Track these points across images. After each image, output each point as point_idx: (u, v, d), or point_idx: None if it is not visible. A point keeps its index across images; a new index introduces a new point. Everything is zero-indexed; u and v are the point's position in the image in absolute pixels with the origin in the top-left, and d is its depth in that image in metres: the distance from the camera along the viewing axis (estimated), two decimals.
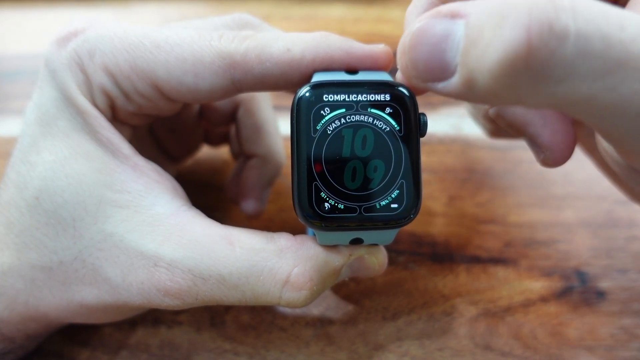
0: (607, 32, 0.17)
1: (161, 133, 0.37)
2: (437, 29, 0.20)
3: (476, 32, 0.18)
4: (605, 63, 0.17)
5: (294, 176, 0.25)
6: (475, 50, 0.18)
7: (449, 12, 0.20)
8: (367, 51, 0.27)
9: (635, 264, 0.36)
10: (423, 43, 0.20)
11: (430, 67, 0.20)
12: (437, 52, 0.20)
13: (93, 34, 0.28)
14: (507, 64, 0.17)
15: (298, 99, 0.25)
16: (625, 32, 0.17)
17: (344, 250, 0.27)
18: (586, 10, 0.17)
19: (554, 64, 0.17)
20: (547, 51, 0.17)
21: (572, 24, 0.17)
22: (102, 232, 0.26)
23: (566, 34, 0.17)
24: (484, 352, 0.33)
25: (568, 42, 0.17)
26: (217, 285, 0.26)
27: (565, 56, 0.17)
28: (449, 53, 0.19)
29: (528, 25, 0.17)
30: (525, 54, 0.17)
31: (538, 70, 0.17)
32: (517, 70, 0.17)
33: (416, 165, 0.25)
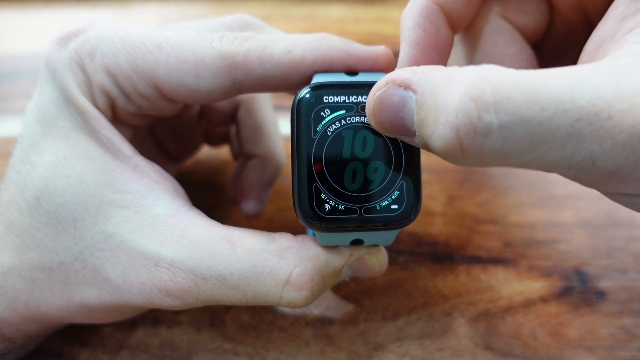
0: (527, 116, 0.19)
1: (161, 133, 0.37)
2: (394, 98, 0.22)
3: (423, 113, 0.21)
4: (529, 142, 0.19)
5: (294, 177, 0.25)
6: (424, 130, 0.21)
7: (402, 83, 0.22)
8: (368, 52, 0.27)
9: (635, 264, 0.36)
10: (384, 110, 0.23)
11: (395, 128, 0.23)
12: (398, 118, 0.22)
13: (94, 34, 0.28)
14: (448, 152, 0.20)
15: (298, 100, 0.25)
16: (545, 111, 0.19)
17: (345, 250, 0.27)
18: (508, 101, 0.19)
19: (485, 152, 0.20)
20: (476, 145, 0.19)
21: (494, 119, 0.19)
22: (103, 233, 0.26)
23: (489, 130, 0.19)
24: (484, 352, 0.33)
25: (492, 136, 0.19)
26: (218, 286, 0.26)
27: (493, 145, 0.19)
28: (407, 120, 0.22)
29: (456, 126, 0.19)
30: (458, 148, 0.20)
31: (472, 156, 0.20)
32: (457, 155, 0.20)
33: (416, 166, 0.25)
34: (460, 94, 0.19)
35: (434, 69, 0.22)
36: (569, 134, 0.19)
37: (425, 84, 0.21)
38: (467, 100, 0.19)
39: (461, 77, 0.20)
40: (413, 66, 0.26)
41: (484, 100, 0.19)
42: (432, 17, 0.26)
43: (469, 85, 0.19)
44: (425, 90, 0.21)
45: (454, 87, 0.20)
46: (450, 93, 0.20)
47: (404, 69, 0.23)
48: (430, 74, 0.21)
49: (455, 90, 0.20)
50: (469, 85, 0.19)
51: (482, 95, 0.19)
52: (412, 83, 0.22)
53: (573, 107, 0.19)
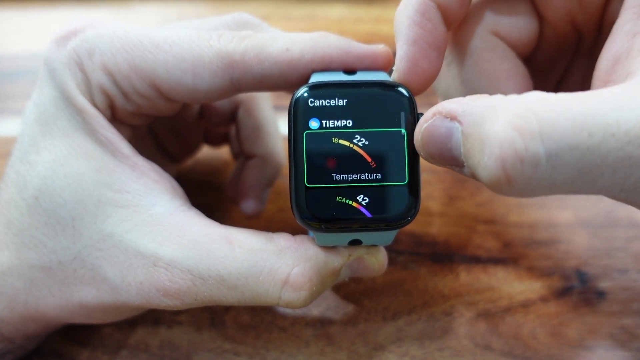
0: (575, 144, 0.19)
1: (161, 133, 0.37)
2: (441, 130, 0.22)
3: (469, 145, 0.21)
4: (580, 169, 0.19)
5: (292, 178, 0.25)
6: (471, 161, 0.21)
7: (448, 114, 0.22)
8: (366, 51, 0.27)
9: (635, 264, 0.36)
10: (432, 142, 0.23)
11: (444, 159, 0.23)
12: (446, 149, 0.22)
13: (92, 33, 0.28)
14: (494, 184, 0.20)
15: (296, 99, 0.25)
16: (593, 137, 0.19)
17: (344, 250, 0.27)
18: (554, 129, 0.19)
19: (534, 182, 0.19)
20: (524, 176, 0.19)
21: (541, 149, 0.19)
22: (102, 232, 0.26)
23: (538, 159, 0.19)
24: (484, 352, 0.33)
25: (541, 165, 0.19)
26: (216, 286, 0.26)
27: (542, 175, 0.19)
28: (455, 151, 0.22)
29: (501, 157, 0.19)
30: (505, 180, 0.19)
31: (521, 187, 0.20)
32: (504, 187, 0.20)
33: (415, 166, 0.25)
34: (504, 124, 0.19)
35: (477, 99, 0.22)
36: (620, 158, 0.19)
37: (469, 115, 0.21)
38: (511, 130, 0.19)
39: (504, 106, 0.20)
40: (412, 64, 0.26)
41: (529, 130, 0.19)
42: (429, 14, 0.26)
43: (513, 114, 0.19)
44: (469, 121, 0.21)
45: (497, 117, 0.20)
46: (494, 124, 0.20)
47: (450, 100, 0.23)
48: (473, 103, 0.21)
49: (499, 121, 0.19)
50: (512, 115, 0.19)
51: (526, 124, 0.19)
52: (457, 114, 0.22)
53: (620, 131, 0.19)
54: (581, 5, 0.28)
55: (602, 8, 0.28)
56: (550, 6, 0.28)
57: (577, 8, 0.28)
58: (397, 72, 0.26)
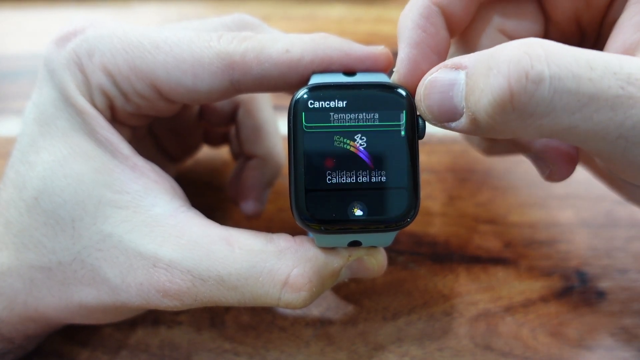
0: (577, 72, 0.20)
1: (161, 133, 0.37)
2: (445, 79, 0.23)
3: (473, 81, 0.22)
4: (579, 98, 0.20)
5: (292, 179, 0.25)
6: (473, 96, 0.22)
7: (453, 65, 0.23)
8: (366, 52, 0.27)
9: (635, 264, 0.36)
10: (435, 92, 0.23)
11: (443, 111, 0.23)
12: (447, 98, 0.23)
13: (92, 33, 0.28)
14: (497, 106, 0.21)
15: (295, 101, 0.25)
16: (594, 70, 0.20)
17: (343, 251, 0.27)
18: (558, 56, 0.20)
19: (535, 102, 0.20)
20: (527, 94, 0.20)
21: (546, 70, 0.20)
22: (101, 233, 0.26)
23: (541, 78, 0.20)
24: (484, 352, 0.33)
25: (544, 85, 0.20)
26: (216, 286, 0.26)
27: (544, 96, 0.20)
28: (455, 99, 0.23)
29: (507, 74, 0.20)
30: (509, 97, 0.20)
31: (522, 109, 0.20)
32: (506, 110, 0.20)
33: (414, 167, 0.25)
34: (513, 48, 0.20)
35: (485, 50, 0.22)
36: (619, 95, 0.20)
37: (475, 58, 0.22)
38: (519, 52, 0.20)
39: (511, 43, 0.21)
40: (413, 67, 0.26)
41: (536, 53, 0.20)
42: (432, 19, 0.26)
43: (521, 43, 0.20)
44: (476, 60, 0.22)
45: (506, 48, 0.21)
46: (502, 53, 0.20)
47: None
48: (480, 52, 0.22)
49: (507, 49, 0.21)
50: (519, 43, 0.20)
51: (533, 50, 0.20)
52: (462, 61, 0.23)
53: (622, 72, 0.20)
54: (587, 5, 0.28)
55: (606, 8, 0.28)
56: (558, 6, 0.29)
57: (584, 8, 0.28)
58: (397, 74, 0.26)
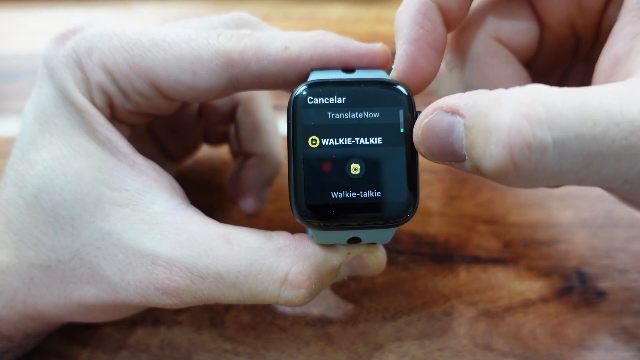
0: (581, 132, 0.19)
1: (160, 132, 0.37)
2: (442, 123, 0.22)
3: (472, 136, 0.21)
4: (585, 158, 0.19)
5: (291, 176, 0.25)
6: (475, 152, 0.21)
7: (449, 109, 0.22)
8: (365, 49, 0.27)
9: (635, 264, 0.36)
10: (433, 136, 0.23)
11: (444, 154, 0.23)
12: (446, 144, 0.22)
13: (91, 32, 0.28)
14: (500, 172, 0.20)
15: (294, 98, 0.25)
16: (598, 126, 0.19)
17: (342, 248, 0.27)
18: (561, 117, 0.19)
19: (540, 170, 0.20)
20: (531, 164, 0.19)
21: (548, 136, 0.19)
22: (100, 231, 0.26)
23: (545, 146, 0.19)
24: (484, 352, 0.33)
25: (548, 152, 0.19)
26: (215, 284, 0.26)
27: (548, 163, 0.19)
28: (456, 145, 0.22)
29: (509, 144, 0.19)
30: (512, 167, 0.20)
31: (527, 175, 0.20)
32: (510, 176, 0.20)
33: (414, 164, 0.25)
34: (512, 112, 0.20)
35: (479, 93, 0.22)
36: (624, 147, 0.19)
37: (472, 107, 0.21)
38: (518, 118, 0.19)
39: (509, 97, 0.20)
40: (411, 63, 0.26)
41: (536, 118, 0.19)
42: (430, 15, 0.26)
43: (519, 104, 0.20)
44: (473, 113, 0.21)
45: (503, 107, 0.20)
46: (500, 113, 0.20)
47: (451, 95, 0.23)
48: (476, 97, 0.21)
49: (505, 110, 0.20)
50: (518, 104, 0.20)
51: (533, 112, 0.19)
52: (459, 108, 0.22)
53: (624, 120, 0.19)
54: (581, 10, 0.28)
55: (601, 13, 0.28)
56: (551, 11, 0.29)
57: (577, 13, 0.28)
58: (396, 71, 0.26)
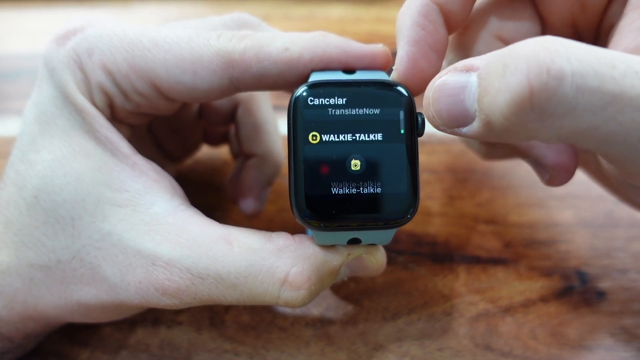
0: (600, 70, 0.19)
1: (160, 133, 0.37)
2: (455, 81, 0.22)
3: (487, 82, 0.21)
4: (603, 97, 0.19)
5: (291, 176, 0.25)
6: (488, 97, 0.21)
7: (464, 67, 0.22)
8: (365, 50, 0.27)
9: (635, 264, 0.36)
10: (444, 95, 0.22)
11: (454, 116, 0.22)
12: (458, 102, 0.22)
13: (92, 32, 0.28)
14: (515, 106, 0.19)
15: (295, 99, 0.25)
16: (616, 69, 0.19)
17: (342, 249, 0.27)
18: (579, 52, 0.19)
19: (556, 101, 0.19)
20: (548, 91, 0.19)
21: (567, 66, 0.19)
22: (101, 231, 0.26)
23: (563, 74, 0.18)
24: (484, 352, 0.33)
25: (566, 81, 0.18)
26: (215, 285, 0.26)
27: (566, 93, 0.19)
28: (467, 102, 0.22)
29: (527, 71, 0.19)
30: (528, 95, 0.19)
31: (543, 108, 0.19)
32: (525, 110, 0.19)
33: (414, 165, 0.25)
34: (531, 44, 0.19)
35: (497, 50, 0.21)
36: None
37: (489, 56, 0.21)
38: (538, 47, 0.19)
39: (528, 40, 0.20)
40: (412, 64, 0.26)
41: (556, 49, 0.19)
42: (431, 17, 0.26)
43: (539, 39, 0.19)
44: (490, 60, 0.21)
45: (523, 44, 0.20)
46: (519, 49, 0.20)
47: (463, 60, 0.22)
48: (492, 52, 0.21)
49: (524, 45, 0.19)
50: (538, 39, 0.19)
51: (553, 45, 0.19)
52: (474, 63, 0.22)
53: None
54: (583, 10, 0.28)
55: (602, 12, 0.28)
56: (554, 10, 0.28)
57: (579, 12, 0.28)
58: (396, 72, 0.26)
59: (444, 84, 0.23)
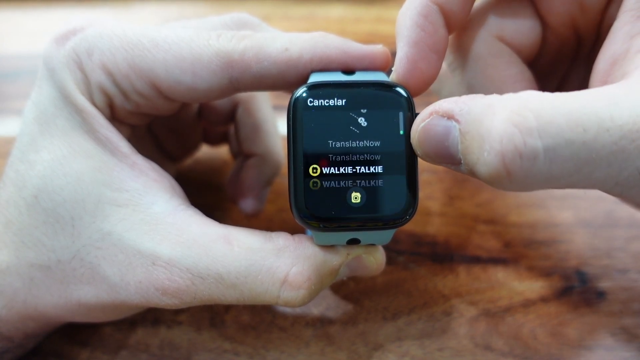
0: (571, 138, 0.20)
1: (160, 132, 0.37)
2: (439, 127, 0.23)
3: (467, 142, 0.21)
4: (575, 163, 0.20)
5: (291, 177, 0.25)
6: (469, 157, 0.22)
7: (444, 113, 0.23)
8: (365, 51, 0.27)
9: (635, 264, 0.36)
10: (430, 140, 0.23)
11: (441, 157, 0.23)
12: (443, 148, 0.23)
13: (92, 32, 0.28)
14: (495, 177, 0.21)
15: (294, 99, 0.25)
16: (588, 133, 0.20)
17: (342, 249, 0.27)
18: (551, 124, 0.20)
19: (532, 176, 0.20)
20: (523, 170, 0.20)
21: (539, 144, 0.19)
22: (101, 231, 0.26)
23: (536, 153, 0.20)
24: (484, 352, 0.33)
25: (539, 159, 0.20)
26: (215, 284, 0.26)
27: (539, 169, 0.20)
28: (451, 148, 0.22)
29: (501, 153, 0.20)
30: (505, 174, 0.20)
31: (520, 182, 0.20)
32: (504, 181, 0.21)
33: (413, 165, 0.25)
34: (503, 121, 0.20)
35: (473, 98, 0.22)
36: (614, 151, 0.20)
37: (467, 113, 0.22)
38: (510, 127, 0.20)
39: (501, 104, 0.21)
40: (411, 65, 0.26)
41: (527, 126, 0.20)
42: (431, 17, 0.26)
43: (510, 112, 0.20)
44: (467, 119, 0.22)
45: (496, 114, 0.20)
46: (492, 121, 0.20)
47: (446, 99, 0.23)
48: (471, 102, 0.22)
49: (497, 118, 0.20)
50: (510, 112, 0.20)
51: (524, 121, 0.20)
52: (454, 113, 0.22)
53: (614, 125, 0.20)
54: (583, 10, 0.28)
55: (602, 13, 0.28)
56: (553, 11, 0.28)
57: (579, 13, 0.28)
58: (396, 73, 0.26)
59: (428, 129, 0.23)
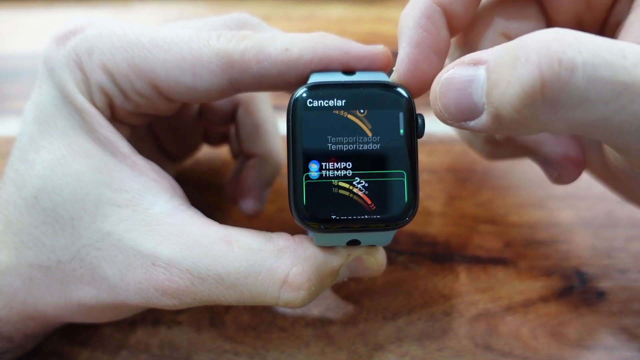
0: (611, 60, 0.19)
1: (161, 133, 0.37)
2: (462, 75, 0.22)
3: (496, 75, 0.21)
4: (614, 87, 0.19)
5: (290, 178, 0.25)
6: (497, 90, 0.21)
7: (471, 60, 0.22)
8: (365, 51, 0.27)
9: (635, 264, 0.36)
10: (451, 89, 0.22)
11: (461, 109, 0.22)
12: (465, 95, 0.22)
13: (92, 32, 0.28)
14: (526, 98, 0.19)
15: (294, 100, 0.25)
16: (627, 59, 0.19)
17: (342, 250, 0.27)
18: (590, 43, 0.19)
19: (568, 92, 0.19)
20: (560, 82, 0.19)
21: (579, 57, 0.19)
22: (100, 231, 0.26)
23: (575, 65, 0.19)
24: (484, 352, 0.33)
25: (578, 72, 0.19)
26: (215, 285, 0.26)
27: (577, 84, 0.19)
28: (475, 95, 0.22)
29: (538, 62, 0.19)
30: (540, 86, 0.19)
31: (554, 99, 0.19)
32: (536, 102, 0.19)
33: (413, 166, 0.25)
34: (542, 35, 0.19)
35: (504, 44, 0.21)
36: None
37: (498, 49, 0.21)
38: (550, 38, 0.19)
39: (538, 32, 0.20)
40: (413, 66, 0.26)
41: (567, 40, 0.19)
42: (434, 18, 0.26)
43: (550, 30, 0.19)
44: (499, 52, 0.21)
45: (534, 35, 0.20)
46: (530, 40, 0.20)
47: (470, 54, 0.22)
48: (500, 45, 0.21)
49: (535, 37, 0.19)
50: (549, 31, 0.19)
51: (564, 37, 0.19)
52: (482, 56, 0.22)
53: None
54: (589, 8, 0.28)
55: (608, 10, 0.28)
56: (559, 9, 0.29)
57: (585, 10, 0.28)
58: (397, 73, 0.26)
59: (451, 78, 0.22)
